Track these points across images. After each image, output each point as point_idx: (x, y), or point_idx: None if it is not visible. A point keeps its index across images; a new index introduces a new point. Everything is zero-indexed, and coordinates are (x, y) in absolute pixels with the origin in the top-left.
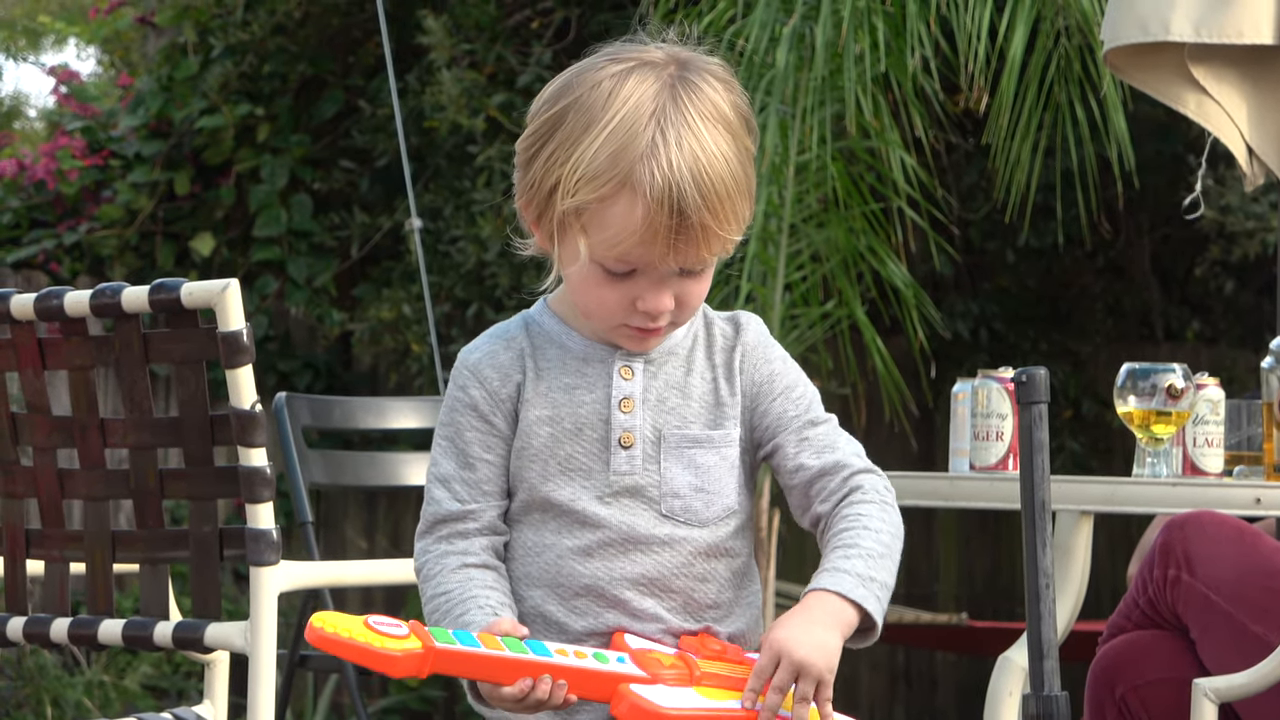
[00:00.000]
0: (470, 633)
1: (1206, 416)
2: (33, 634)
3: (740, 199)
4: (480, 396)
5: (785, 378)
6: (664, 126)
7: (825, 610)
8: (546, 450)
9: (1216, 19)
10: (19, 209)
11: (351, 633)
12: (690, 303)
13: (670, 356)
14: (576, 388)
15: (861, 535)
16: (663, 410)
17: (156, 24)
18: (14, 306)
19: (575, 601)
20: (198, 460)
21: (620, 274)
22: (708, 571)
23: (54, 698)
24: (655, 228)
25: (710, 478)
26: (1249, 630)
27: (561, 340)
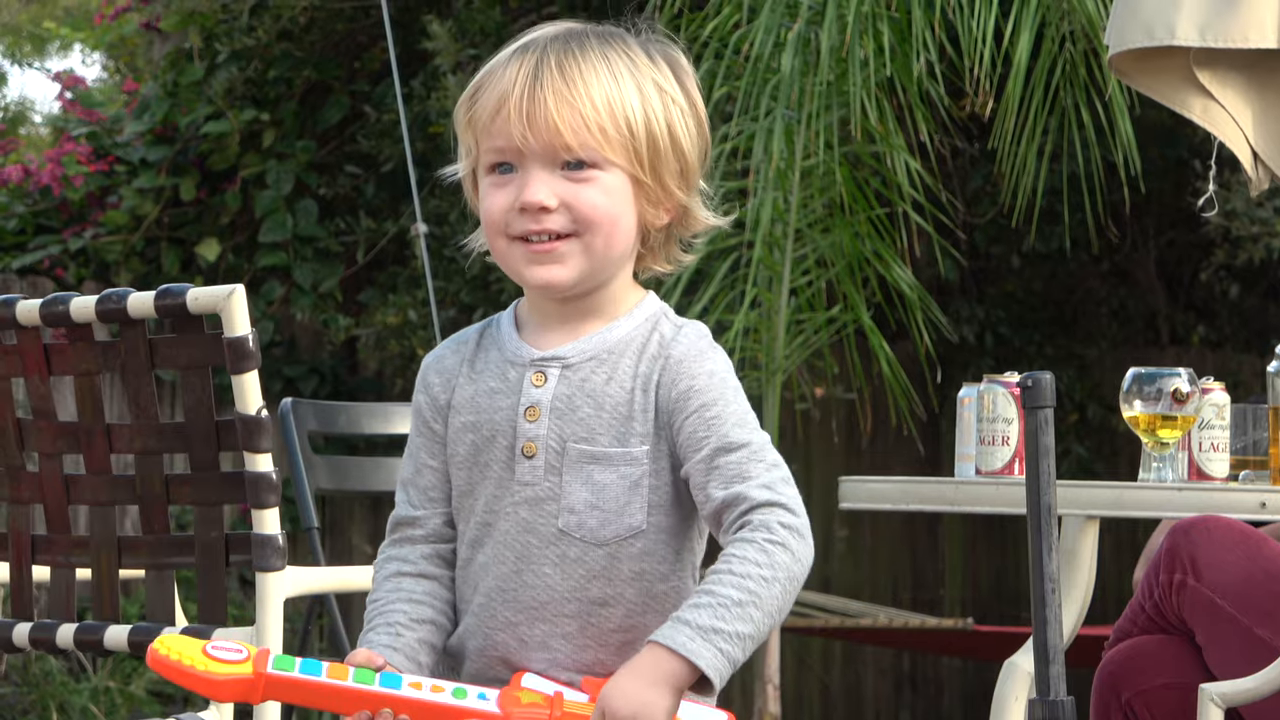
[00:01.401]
0: (320, 662)
1: (1212, 421)
2: (39, 640)
3: (625, 108)
4: (425, 402)
5: (703, 395)
6: (550, 36)
7: (656, 666)
8: (469, 456)
9: (1222, 23)
10: (25, 215)
11: (182, 656)
12: (581, 210)
13: (593, 361)
14: (497, 392)
15: (721, 581)
16: (571, 420)
17: (162, 29)
18: (20, 312)
19: (470, 619)
20: (203, 466)
21: (500, 169)
22: (609, 595)
23: (60, 703)
24: (510, 92)
25: (606, 495)
26: (1255, 635)
27: (502, 343)
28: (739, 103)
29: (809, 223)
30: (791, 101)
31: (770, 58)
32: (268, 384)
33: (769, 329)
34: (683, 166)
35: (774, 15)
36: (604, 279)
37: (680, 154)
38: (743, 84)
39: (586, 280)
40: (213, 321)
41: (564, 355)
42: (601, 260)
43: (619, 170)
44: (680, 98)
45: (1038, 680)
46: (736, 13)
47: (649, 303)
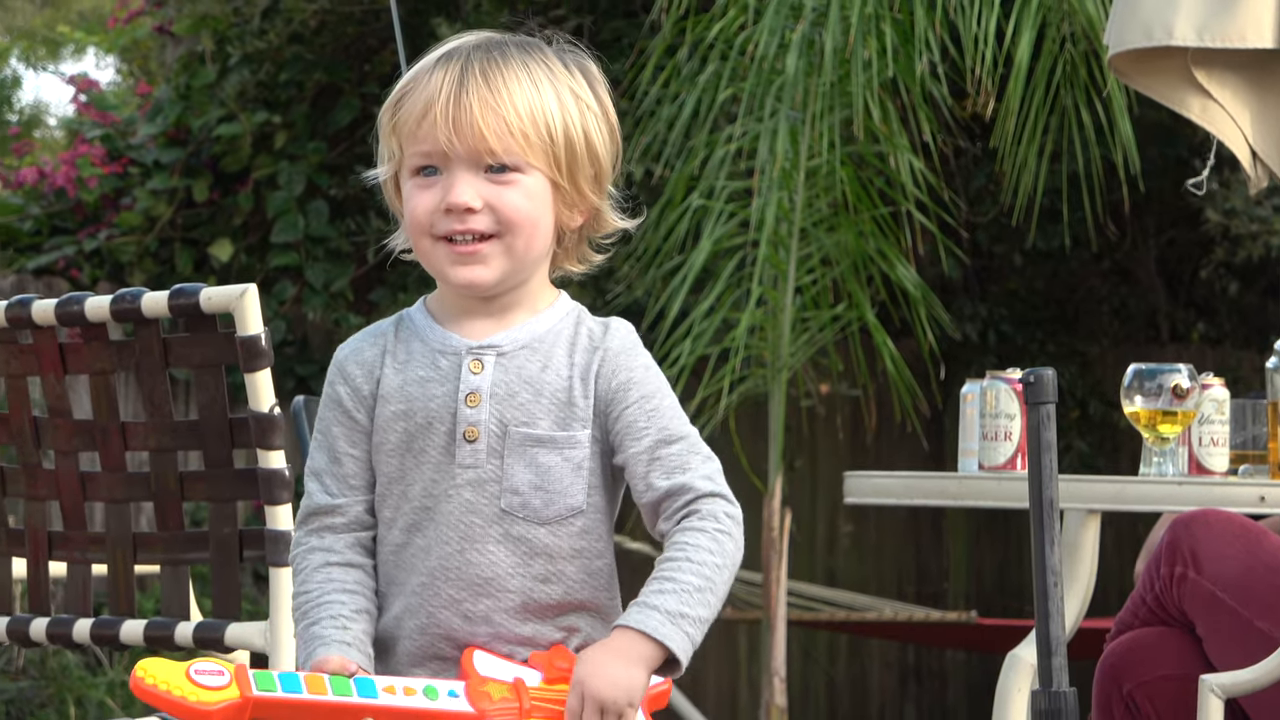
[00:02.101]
0: (298, 674)
1: (1211, 416)
2: (56, 634)
3: (545, 114)
4: (345, 393)
5: (642, 387)
6: (472, 44)
7: (630, 647)
8: (401, 444)
9: (1219, 23)
10: (40, 216)
11: (169, 685)
12: (504, 212)
13: (526, 350)
14: (430, 380)
15: (681, 568)
16: (511, 405)
17: (174, 33)
18: (35, 312)
19: (416, 598)
20: (217, 463)
21: (424, 173)
22: (551, 572)
23: (77, 697)
24: (435, 98)
25: (551, 477)
26: (1255, 626)
27: (424, 335)
28: (744, 104)
29: (814, 222)
30: (796, 102)
31: (775, 59)
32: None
33: (774, 327)
34: (596, 171)
35: (778, 17)
36: (523, 278)
37: (595, 158)
38: (748, 85)
39: (508, 280)
40: (226, 321)
41: (498, 344)
42: (521, 260)
43: (539, 174)
44: (595, 105)
45: (1040, 672)
46: (741, 15)
47: (565, 300)
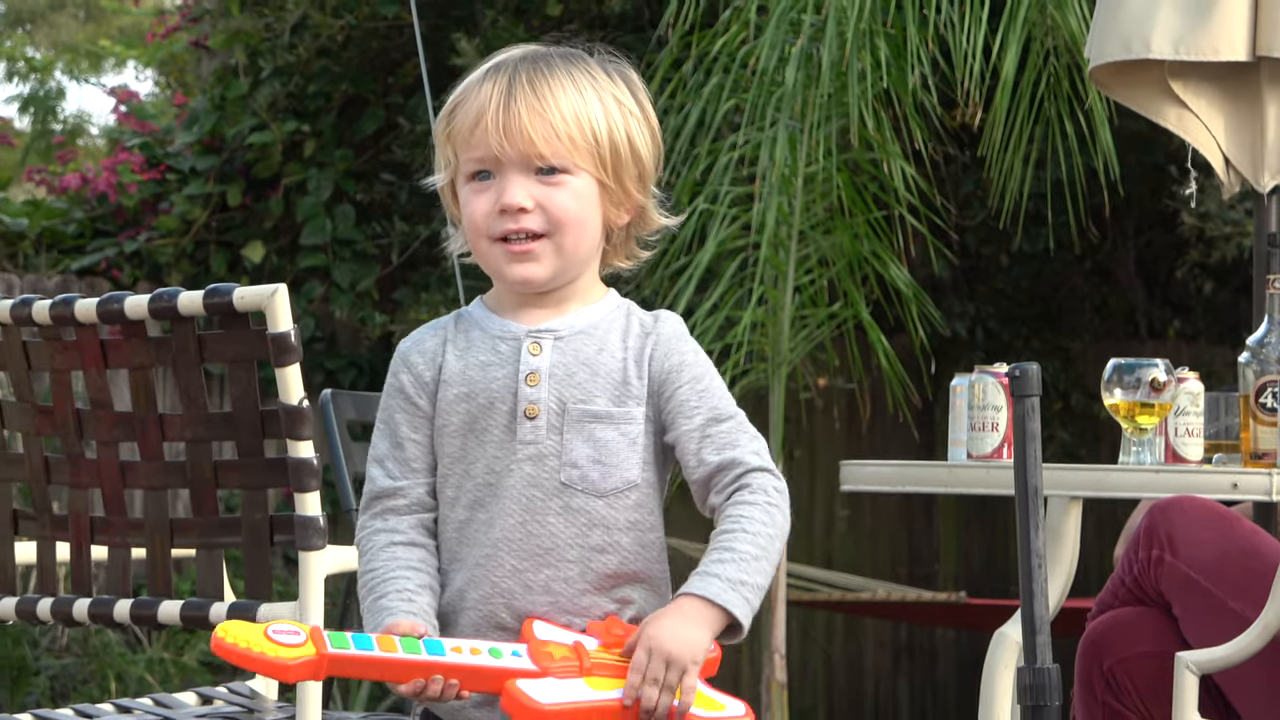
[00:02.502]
0: (369, 635)
1: (1187, 408)
2: (97, 614)
3: (590, 120)
4: (407, 381)
5: (693, 369)
6: (519, 56)
7: (695, 611)
8: (464, 425)
9: (1194, 37)
10: (83, 220)
11: (250, 643)
12: (554, 211)
13: (582, 335)
14: (490, 364)
15: (739, 538)
16: (569, 384)
17: (209, 47)
18: (78, 310)
19: (478, 570)
20: (249, 452)
21: (479, 177)
22: (607, 543)
23: (118, 673)
24: (486, 107)
25: (608, 451)
26: (1227, 607)
27: (483, 324)
28: (746, 114)
29: (811, 225)
30: (795, 112)
31: (775, 72)
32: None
33: (775, 324)
34: (640, 171)
35: (778, 32)
36: (574, 274)
37: (638, 159)
38: (749, 96)
39: (559, 277)
40: (258, 318)
41: (555, 328)
42: (571, 257)
43: (586, 175)
44: (636, 110)
45: (1025, 649)
46: (743, 30)
47: (614, 295)
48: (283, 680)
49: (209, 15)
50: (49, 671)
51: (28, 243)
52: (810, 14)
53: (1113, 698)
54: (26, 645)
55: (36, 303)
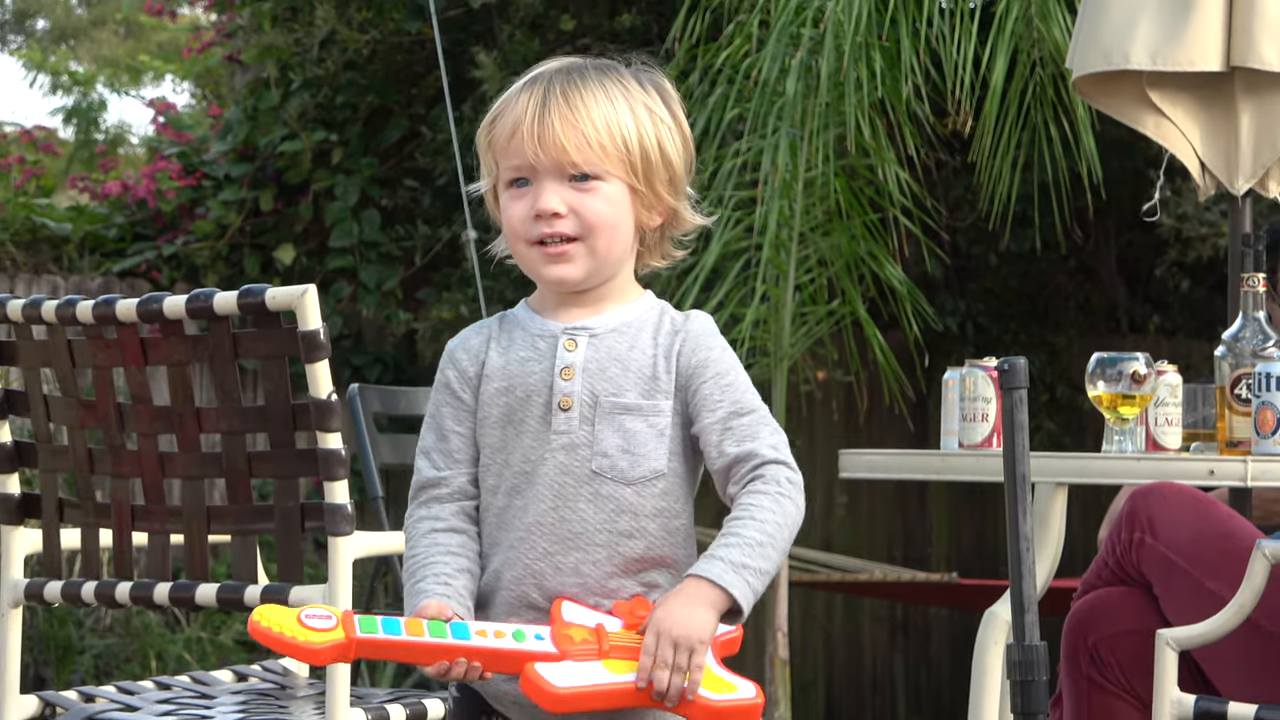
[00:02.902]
0: (398, 619)
1: (1166, 399)
2: (138, 597)
3: (621, 129)
4: (453, 376)
5: (719, 365)
6: (554, 69)
7: (699, 593)
8: (503, 416)
9: (1171, 49)
10: (124, 224)
11: (282, 627)
12: (587, 216)
13: (615, 332)
14: (529, 360)
15: (746, 525)
16: (602, 378)
17: (243, 61)
18: (120, 310)
19: (513, 552)
20: (281, 444)
21: (517, 184)
22: (635, 528)
23: (158, 652)
24: (523, 118)
25: (637, 441)
26: (1205, 586)
27: (525, 324)
28: (749, 122)
29: (811, 227)
30: (795, 121)
31: (776, 82)
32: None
33: (776, 320)
34: (671, 175)
35: (779, 45)
36: (608, 275)
37: (669, 165)
38: (752, 106)
39: (593, 277)
40: (288, 317)
41: (590, 326)
42: (604, 259)
43: (618, 180)
44: (667, 118)
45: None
46: (746, 43)
47: (650, 296)
48: (313, 664)
49: (242, 31)
50: (93, 650)
51: (72, 246)
52: (809, 28)
53: (1097, 673)
54: (72, 626)
55: (80, 303)
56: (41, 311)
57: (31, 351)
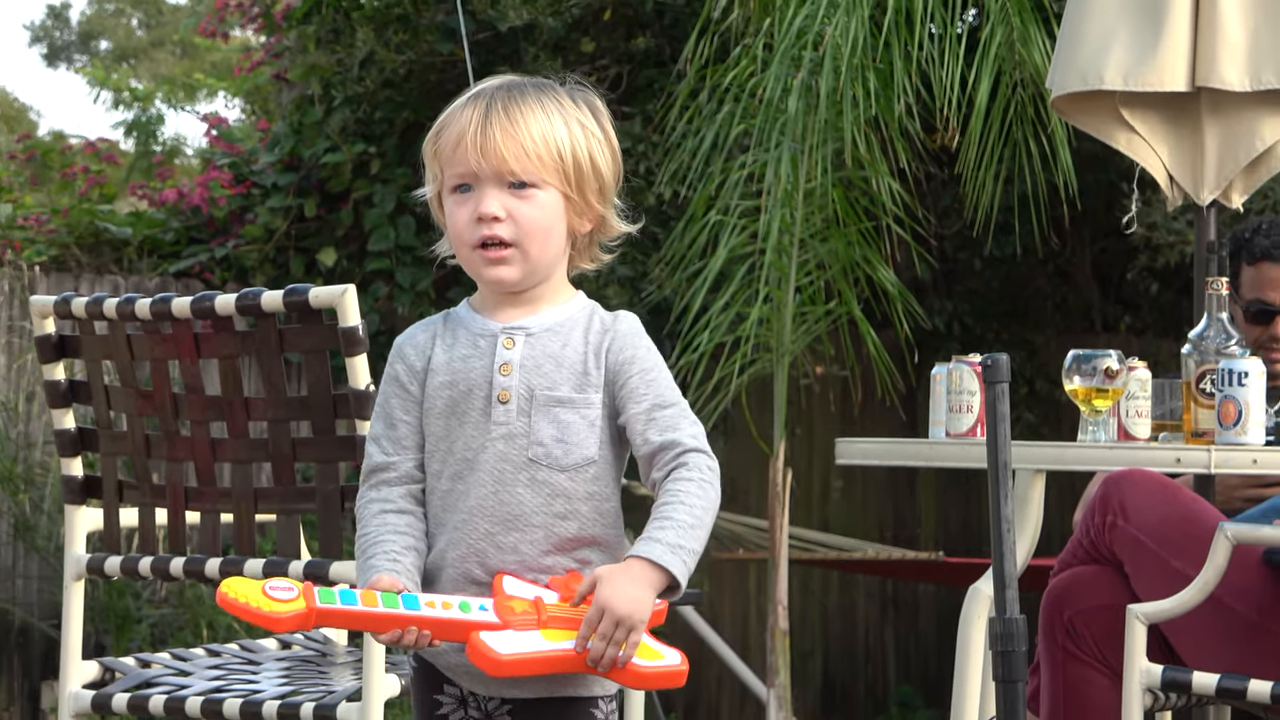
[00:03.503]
0: (354, 591)
1: (1136, 393)
2: (191, 571)
3: (555, 141)
4: (401, 370)
5: (643, 362)
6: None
7: (641, 572)
8: (447, 408)
9: (1141, 71)
10: (179, 229)
11: (247, 598)
12: (523, 222)
13: (549, 332)
14: (470, 357)
15: (677, 509)
16: (537, 374)
17: (289, 79)
18: (175, 308)
19: (457, 533)
20: (323, 431)
21: (460, 190)
22: (568, 511)
23: (209, 622)
24: (466, 129)
25: (570, 431)
26: (1172, 565)
27: (467, 323)
28: (754, 137)
29: (810, 234)
30: (796, 136)
31: (779, 101)
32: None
33: (778, 319)
34: (601, 185)
35: (782, 66)
36: (543, 276)
37: (599, 175)
38: (757, 122)
39: (529, 278)
40: (330, 314)
41: (526, 325)
42: (538, 261)
43: (553, 189)
44: (598, 132)
45: (996, 602)
46: (752, 64)
47: (581, 297)
48: (275, 630)
49: (289, 51)
50: (149, 620)
51: (131, 249)
52: (810, 50)
53: (1071, 644)
54: (130, 597)
55: (139, 301)
56: (103, 308)
57: (94, 345)
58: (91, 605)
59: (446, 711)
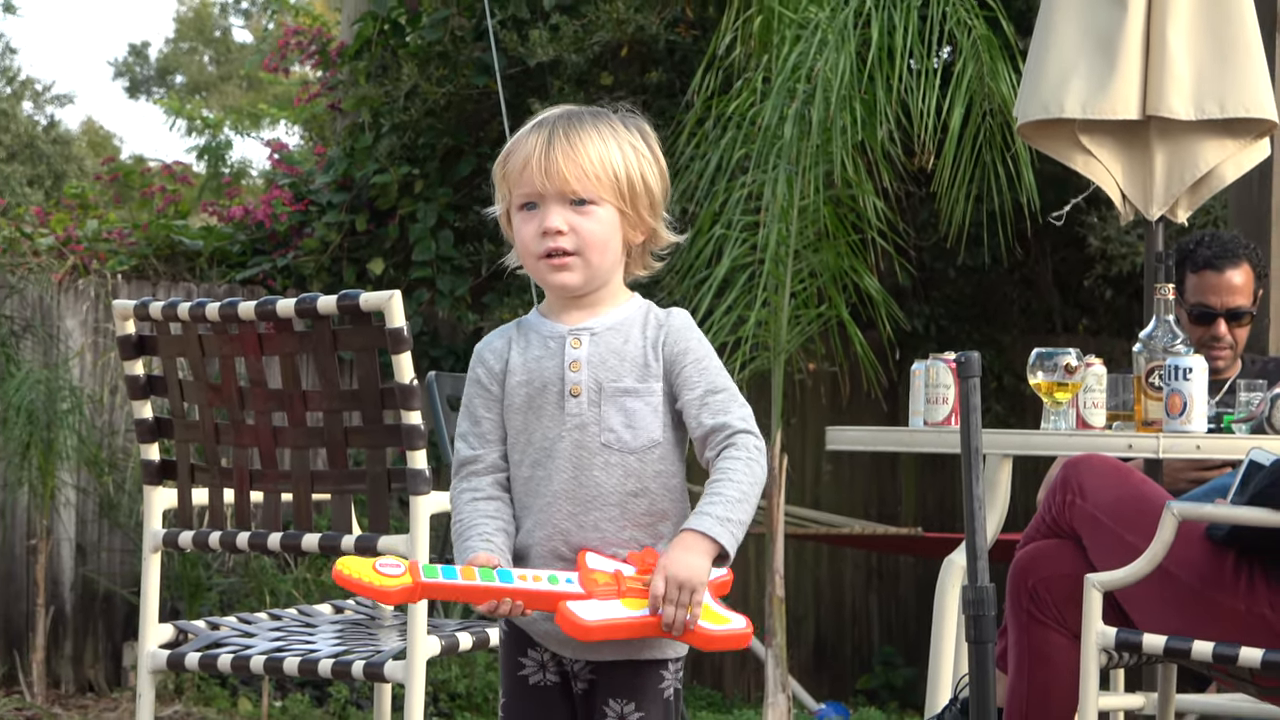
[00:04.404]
0: (455, 566)
1: (1093, 386)
2: (255, 544)
3: (611, 163)
4: (482, 373)
5: (696, 352)
6: (557, 114)
7: (695, 542)
8: (524, 404)
9: (1097, 101)
10: (245, 242)
11: (360, 574)
12: (583, 234)
13: (611, 331)
14: (543, 357)
15: (726, 485)
16: (603, 369)
17: (343, 109)
18: (241, 311)
19: (542, 515)
20: (372, 420)
21: (527, 208)
22: (640, 489)
23: (271, 590)
24: (531, 154)
25: (636, 418)
26: (1125, 539)
27: (538, 328)
28: (754, 160)
29: (804, 245)
30: (791, 159)
31: (775, 128)
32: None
33: (775, 321)
34: (651, 201)
35: (778, 97)
36: (602, 282)
37: (649, 192)
38: (756, 147)
39: (589, 283)
40: (378, 317)
41: (590, 326)
42: (598, 268)
43: (609, 205)
44: (648, 154)
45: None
46: (752, 95)
47: (638, 298)
48: (386, 603)
49: (342, 84)
50: (218, 588)
51: (203, 259)
52: (803, 83)
53: (1036, 609)
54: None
55: (209, 305)
56: (177, 312)
57: (169, 344)
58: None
59: (527, 673)
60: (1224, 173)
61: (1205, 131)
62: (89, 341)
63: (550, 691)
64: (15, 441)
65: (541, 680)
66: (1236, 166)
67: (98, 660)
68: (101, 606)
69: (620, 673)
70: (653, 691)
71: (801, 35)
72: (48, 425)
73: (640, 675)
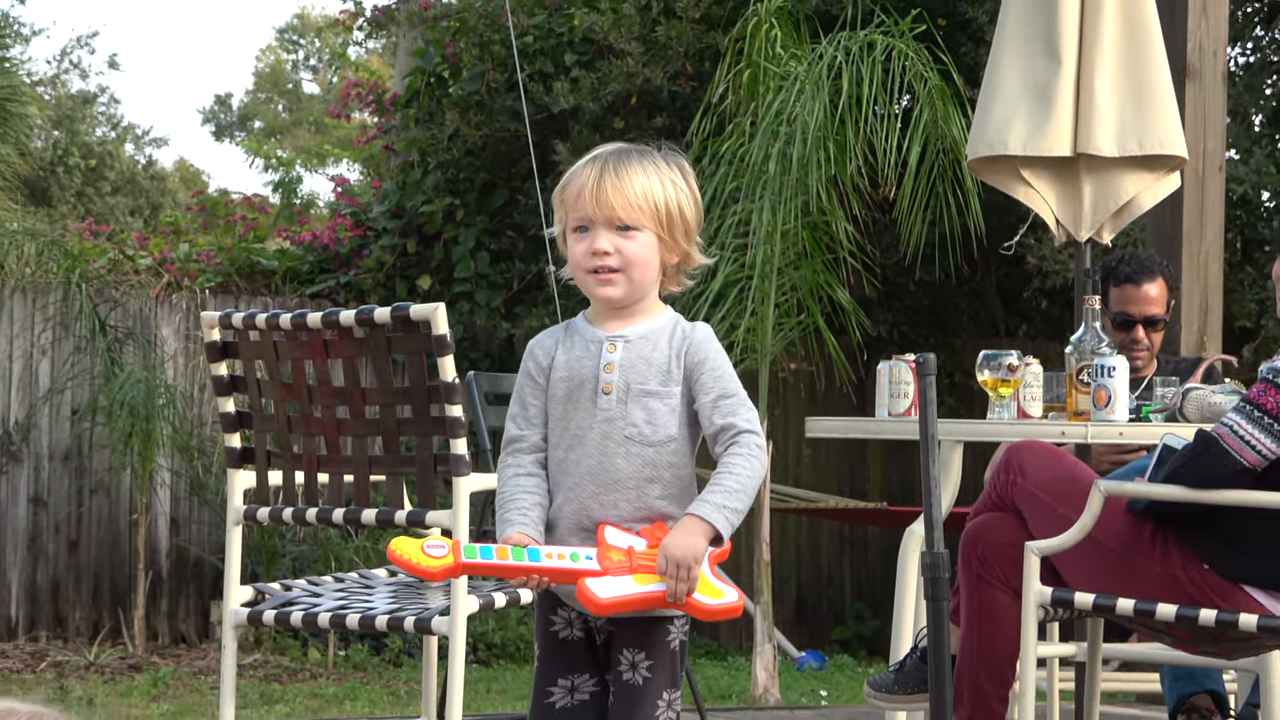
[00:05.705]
0: (491, 547)
1: (1031, 382)
2: (322, 518)
3: (652, 195)
4: (532, 365)
5: (713, 362)
6: (609, 151)
7: (693, 525)
8: (565, 396)
9: (1035, 140)
10: (313, 262)
11: (409, 554)
12: (627, 255)
13: (642, 339)
14: (583, 358)
15: (726, 478)
16: (632, 372)
17: (395, 150)
18: (309, 320)
19: (570, 492)
20: (420, 413)
21: (580, 230)
22: (655, 475)
23: (335, 556)
24: (585, 184)
25: (656, 416)
26: (1058, 512)
27: (582, 332)
28: (743, 191)
29: (786, 264)
30: (774, 191)
31: (761, 164)
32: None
33: (762, 328)
34: (686, 228)
35: (764, 138)
36: (640, 296)
37: (685, 220)
38: (745, 180)
39: (630, 297)
40: (426, 326)
41: (625, 334)
42: (638, 285)
43: (649, 231)
44: (685, 187)
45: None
46: (741, 137)
47: (669, 311)
48: (431, 580)
49: (395, 129)
50: (291, 555)
51: (277, 277)
52: (784, 126)
53: (984, 571)
54: (276, 538)
55: (282, 315)
56: (256, 321)
57: (248, 349)
58: (247, 544)
59: (557, 629)
60: (1142, 201)
61: (1126, 166)
62: (181, 347)
63: (577, 645)
64: (119, 432)
65: (570, 635)
66: (1153, 195)
67: (189, 617)
68: (192, 571)
69: (633, 627)
70: (661, 644)
71: (783, 86)
72: (146, 418)
73: (650, 629)
